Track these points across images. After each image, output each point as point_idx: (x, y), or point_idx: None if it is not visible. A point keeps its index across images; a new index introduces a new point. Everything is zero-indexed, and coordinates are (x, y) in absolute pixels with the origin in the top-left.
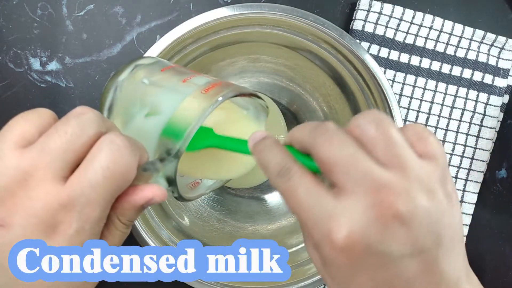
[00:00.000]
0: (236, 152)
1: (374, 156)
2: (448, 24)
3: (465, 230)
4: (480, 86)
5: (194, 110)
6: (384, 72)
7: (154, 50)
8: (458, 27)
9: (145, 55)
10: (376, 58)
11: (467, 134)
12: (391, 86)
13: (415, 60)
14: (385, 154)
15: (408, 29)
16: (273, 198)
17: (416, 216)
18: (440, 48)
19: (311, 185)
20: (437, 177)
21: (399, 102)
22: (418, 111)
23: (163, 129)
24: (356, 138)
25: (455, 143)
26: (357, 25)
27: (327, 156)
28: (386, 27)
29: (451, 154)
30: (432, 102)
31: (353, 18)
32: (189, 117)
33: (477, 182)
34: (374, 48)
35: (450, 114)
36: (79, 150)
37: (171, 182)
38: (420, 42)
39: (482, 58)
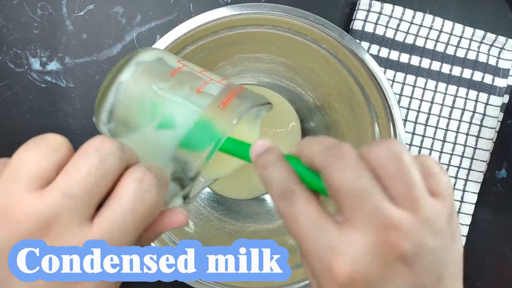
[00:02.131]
0: (240, 158)
1: (388, 193)
2: (448, 24)
3: (465, 230)
4: (480, 86)
5: (213, 130)
6: (384, 72)
7: None
8: (458, 27)
9: (145, 48)
10: (376, 58)
11: (467, 134)
12: (391, 86)
13: (415, 60)
14: (401, 194)
15: (408, 29)
16: None
17: (420, 256)
18: (440, 48)
19: (314, 213)
20: (445, 216)
21: (399, 102)
22: (418, 111)
23: (179, 146)
24: (373, 169)
25: (455, 143)
26: (357, 25)
27: (338, 184)
28: (386, 27)
29: (451, 154)
30: (432, 102)
31: (353, 18)
32: (207, 137)
33: (477, 182)
34: (374, 48)
35: (450, 114)
36: (103, 191)
37: (186, 197)
38: (420, 42)
39: (482, 58)
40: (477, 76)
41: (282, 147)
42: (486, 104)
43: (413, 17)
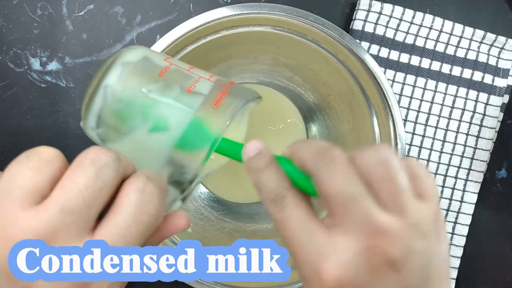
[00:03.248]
0: (233, 159)
1: (377, 197)
2: (448, 24)
3: (465, 230)
4: (480, 86)
5: (208, 131)
6: (384, 72)
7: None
8: (458, 27)
9: (129, 47)
10: (376, 58)
11: (467, 134)
12: (391, 86)
13: (415, 60)
14: (389, 198)
15: (408, 29)
16: None
17: (408, 260)
18: (440, 48)
19: (304, 218)
20: (431, 218)
21: (399, 102)
22: (418, 111)
23: (173, 148)
24: (362, 175)
25: (455, 143)
26: (357, 25)
27: (328, 189)
28: (386, 27)
29: (451, 154)
30: (432, 102)
31: (353, 18)
32: (203, 139)
33: (477, 182)
34: (374, 48)
35: (450, 114)
36: (102, 203)
37: (185, 199)
38: (420, 42)
39: (482, 58)
40: (477, 76)
41: (285, 144)
42: (486, 104)
43: (413, 17)
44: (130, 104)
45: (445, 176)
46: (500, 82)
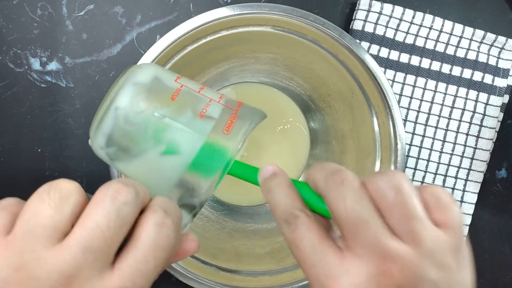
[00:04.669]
0: (248, 182)
1: (388, 223)
2: (448, 24)
3: (465, 230)
4: (480, 86)
5: (219, 156)
6: (384, 72)
7: (154, 50)
8: (458, 27)
9: (140, 65)
10: (376, 58)
11: (467, 134)
12: (391, 86)
13: (415, 60)
14: (400, 225)
15: (408, 29)
16: None
17: None
18: (440, 48)
19: (316, 240)
20: (450, 247)
21: (399, 102)
22: (418, 111)
23: (185, 172)
24: (373, 199)
25: (455, 143)
26: (357, 25)
27: (339, 211)
28: (386, 27)
29: (451, 154)
30: (432, 102)
31: (353, 18)
32: (214, 164)
33: (477, 182)
34: (374, 48)
35: (450, 114)
36: (122, 239)
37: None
38: (420, 42)
39: (482, 58)
40: (477, 76)
41: (287, 144)
42: (486, 104)
43: (413, 17)
44: (143, 128)
45: (445, 176)
46: (500, 82)
